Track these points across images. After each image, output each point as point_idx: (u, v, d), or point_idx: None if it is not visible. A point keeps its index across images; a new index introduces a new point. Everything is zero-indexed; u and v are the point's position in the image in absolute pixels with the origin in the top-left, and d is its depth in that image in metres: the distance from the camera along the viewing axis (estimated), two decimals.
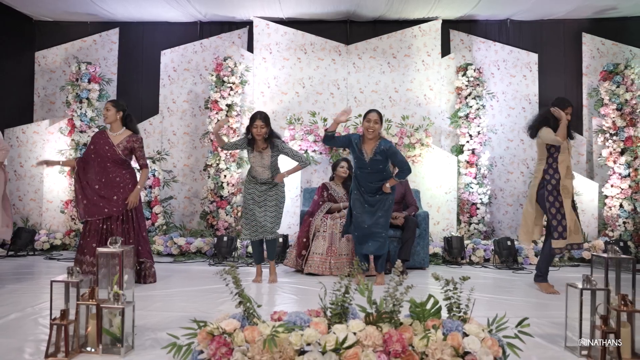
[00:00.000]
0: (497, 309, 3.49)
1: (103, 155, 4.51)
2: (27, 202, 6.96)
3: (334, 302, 2.50)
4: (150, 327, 3.17)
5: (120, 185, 4.53)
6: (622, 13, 6.98)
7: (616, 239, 6.35)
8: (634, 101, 6.51)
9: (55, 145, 6.83)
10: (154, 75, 7.34)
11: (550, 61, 7.22)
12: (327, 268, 5.17)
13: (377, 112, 4.60)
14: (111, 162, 4.52)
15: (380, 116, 4.62)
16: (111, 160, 4.52)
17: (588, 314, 2.75)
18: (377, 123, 4.55)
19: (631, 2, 6.55)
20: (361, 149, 4.60)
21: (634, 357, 2.74)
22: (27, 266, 5.48)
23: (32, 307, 3.66)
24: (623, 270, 2.92)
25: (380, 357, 2.29)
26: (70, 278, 2.68)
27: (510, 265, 5.86)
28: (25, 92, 7.44)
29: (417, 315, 2.47)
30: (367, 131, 4.55)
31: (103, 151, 4.52)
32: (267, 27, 7.06)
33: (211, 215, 6.61)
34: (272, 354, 2.27)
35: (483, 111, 6.83)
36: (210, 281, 4.77)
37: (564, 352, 2.86)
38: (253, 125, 4.66)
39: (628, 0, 6.47)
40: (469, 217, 6.74)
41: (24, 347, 2.76)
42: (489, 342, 2.37)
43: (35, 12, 7.23)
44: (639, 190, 6.47)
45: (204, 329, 2.45)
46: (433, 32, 7.05)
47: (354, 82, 7.04)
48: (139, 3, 6.69)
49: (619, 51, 7.11)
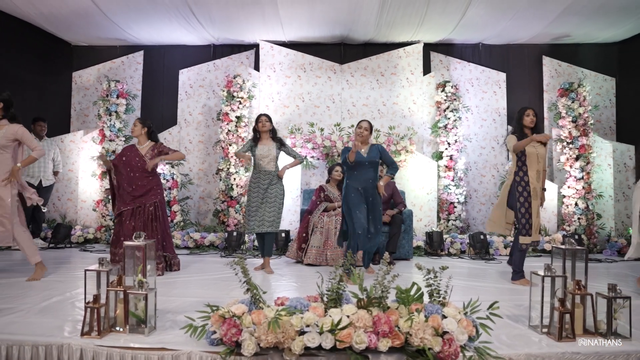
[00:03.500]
0: (472, 294, 3.49)
1: (134, 165, 4.50)
2: (65, 201, 6.94)
3: (330, 289, 2.50)
4: (170, 310, 3.16)
5: (148, 188, 4.52)
6: (575, 40, 7.06)
7: (572, 232, 6.37)
8: (586, 114, 6.55)
9: (88, 152, 6.82)
10: (173, 91, 7.34)
11: (516, 80, 7.24)
12: (324, 259, 5.16)
13: (367, 122, 4.60)
14: (140, 171, 4.51)
15: (371, 125, 4.62)
16: (141, 170, 4.51)
17: (548, 297, 2.76)
18: (367, 130, 4.54)
19: (582, 31, 6.64)
20: (357, 151, 4.58)
21: (585, 332, 2.77)
22: (65, 257, 5.47)
23: (70, 292, 3.66)
24: (578, 260, 2.93)
25: (370, 337, 2.29)
26: (101, 268, 2.68)
27: (483, 256, 5.86)
28: (64, 107, 7.47)
29: (402, 300, 2.48)
30: (358, 136, 4.53)
31: (134, 162, 4.50)
32: (271, 49, 7.06)
33: (222, 213, 6.60)
34: (276, 334, 2.27)
35: (459, 122, 6.84)
36: (221, 271, 4.75)
37: (528, 330, 2.86)
38: (259, 121, 4.76)
39: (579, 29, 6.55)
40: (447, 215, 6.74)
41: (63, 325, 2.77)
42: (465, 323, 2.38)
43: (74, 38, 7.26)
44: (590, 190, 6.50)
45: (216, 313, 2.46)
46: (416, 53, 7.06)
47: (347, 97, 7.04)
48: (160, 29, 6.70)
49: (573, 72, 7.15)
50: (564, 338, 2.64)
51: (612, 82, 7.20)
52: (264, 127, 4.73)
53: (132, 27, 6.63)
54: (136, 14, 6.15)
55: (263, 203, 4.72)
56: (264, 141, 4.78)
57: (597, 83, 7.15)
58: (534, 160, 4.26)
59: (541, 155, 4.31)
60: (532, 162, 4.26)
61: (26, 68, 6.65)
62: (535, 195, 4.25)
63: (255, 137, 4.81)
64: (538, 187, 4.28)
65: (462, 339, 2.33)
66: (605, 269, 5.27)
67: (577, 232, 6.37)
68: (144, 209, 4.47)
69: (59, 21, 6.46)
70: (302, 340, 2.28)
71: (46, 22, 6.53)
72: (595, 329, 2.76)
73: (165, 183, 6.54)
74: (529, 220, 4.23)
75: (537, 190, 4.27)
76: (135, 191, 4.47)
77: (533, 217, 4.22)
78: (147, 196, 4.49)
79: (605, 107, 7.17)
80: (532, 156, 4.25)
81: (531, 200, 4.23)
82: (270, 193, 4.73)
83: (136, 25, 6.57)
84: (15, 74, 6.41)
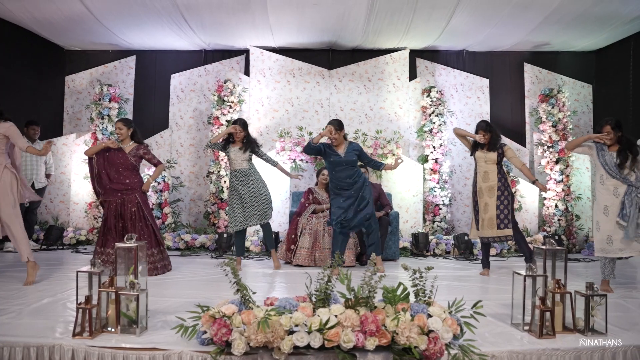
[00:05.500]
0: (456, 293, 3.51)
1: (116, 162, 4.48)
2: (57, 203, 6.85)
3: (318, 290, 2.50)
4: (161, 310, 3.14)
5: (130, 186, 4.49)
6: (554, 48, 7.14)
7: (552, 233, 6.43)
8: (565, 119, 6.63)
9: (80, 155, 6.73)
10: (165, 96, 7.28)
11: (499, 85, 7.30)
12: (312, 260, 5.15)
13: (336, 122, 4.64)
14: (122, 167, 4.49)
15: (340, 124, 4.65)
16: (122, 166, 4.49)
17: (530, 295, 2.79)
18: (336, 132, 4.60)
19: (561, 40, 6.73)
20: (335, 151, 4.62)
21: (565, 329, 2.80)
22: (57, 259, 5.41)
23: (61, 293, 3.63)
24: (557, 259, 2.96)
25: (358, 336, 2.30)
26: (93, 269, 2.66)
27: (467, 257, 5.90)
28: (57, 110, 7.36)
29: (389, 300, 2.49)
30: (332, 142, 4.63)
31: (117, 158, 4.48)
32: (261, 55, 7.04)
33: (213, 215, 6.56)
34: (265, 334, 2.27)
35: (444, 126, 6.87)
36: (212, 272, 4.73)
37: (510, 328, 2.89)
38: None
39: (558, 38, 6.64)
40: (432, 216, 6.77)
41: (55, 326, 2.74)
42: (449, 322, 2.39)
43: (66, 42, 7.17)
44: (570, 193, 6.58)
45: (207, 313, 2.44)
46: (402, 59, 7.09)
47: (335, 102, 7.05)
48: (152, 34, 6.65)
49: (552, 79, 7.23)
50: (544, 335, 2.67)
51: (589, 89, 7.29)
52: (237, 137, 4.82)
53: (125, 32, 6.58)
54: (129, 19, 6.10)
55: (246, 197, 4.76)
56: (237, 144, 4.85)
57: (576, 90, 7.25)
58: (481, 163, 4.71)
59: (489, 158, 4.67)
60: (480, 165, 4.72)
61: (19, 72, 6.56)
62: (481, 193, 4.67)
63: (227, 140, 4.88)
64: (484, 186, 4.67)
65: (447, 337, 2.35)
66: (583, 268, 5.33)
67: (557, 232, 6.43)
68: (126, 209, 4.43)
69: (52, 26, 6.38)
70: (291, 339, 2.28)
71: (39, 27, 6.45)
72: (573, 325, 2.79)
73: (156, 185, 6.49)
74: (475, 217, 4.74)
75: (483, 189, 4.67)
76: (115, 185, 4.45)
77: (480, 214, 4.66)
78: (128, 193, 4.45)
79: (583, 113, 7.26)
80: (480, 160, 4.71)
81: (477, 198, 4.71)
82: (250, 187, 4.79)
83: (129, 30, 6.51)
84: (9, 77, 6.32)
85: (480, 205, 4.66)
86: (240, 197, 4.78)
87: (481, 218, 4.65)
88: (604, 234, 3.95)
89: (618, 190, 3.92)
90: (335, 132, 4.58)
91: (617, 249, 3.90)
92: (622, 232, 3.86)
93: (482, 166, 4.68)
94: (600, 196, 4.04)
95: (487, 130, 4.65)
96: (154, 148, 6.95)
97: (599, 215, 4.03)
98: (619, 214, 3.87)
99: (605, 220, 3.96)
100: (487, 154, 4.67)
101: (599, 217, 4.03)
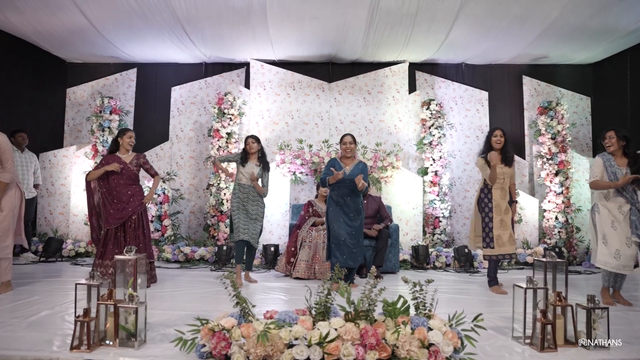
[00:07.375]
0: (456, 306, 3.49)
1: (118, 173, 4.49)
2: (57, 215, 6.84)
3: (318, 303, 2.49)
4: (160, 323, 3.12)
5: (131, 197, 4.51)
6: (552, 61, 7.20)
7: (553, 245, 6.41)
8: (564, 132, 6.66)
9: (80, 167, 6.74)
10: (165, 108, 7.32)
11: (498, 98, 7.35)
12: (312, 273, 5.13)
13: (350, 135, 4.68)
14: (124, 178, 4.51)
15: (354, 138, 4.69)
16: (125, 177, 4.51)
17: (531, 308, 2.77)
18: (352, 144, 4.63)
19: (559, 53, 6.79)
20: (341, 165, 4.63)
21: (566, 342, 2.78)
22: (56, 270, 5.38)
23: (59, 305, 3.60)
24: (558, 272, 2.95)
25: (358, 349, 2.28)
26: (92, 281, 2.64)
27: (468, 269, 5.88)
28: (58, 122, 7.39)
29: (389, 313, 2.47)
30: (345, 151, 4.62)
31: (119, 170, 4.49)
32: (261, 68, 7.09)
33: (213, 227, 6.55)
34: (265, 347, 2.25)
35: (444, 139, 6.90)
36: (211, 284, 4.70)
37: (511, 341, 2.87)
38: (246, 143, 4.95)
39: (556, 51, 6.70)
40: (432, 229, 6.76)
41: (52, 339, 2.72)
42: (450, 335, 2.37)
43: (68, 55, 7.22)
44: (570, 205, 6.57)
45: (206, 326, 2.43)
46: (401, 72, 7.14)
47: (335, 114, 7.08)
48: (153, 47, 6.70)
49: (551, 91, 7.28)
50: (546, 348, 2.65)
51: (587, 101, 7.33)
52: (252, 150, 4.91)
53: (126, 45, 6.63)
54: (130, 32, 6.15)
55: (248, 217, 4.80)
56: (252, 161, 4.93)
57: (574, 102, 7.29)
58: (500, 179, 4.45)
59: (507, 173, 4.48)
60: (499, 180, 4.45)
61: (21, 84, 6.60)
62: (499, 210, 4.41)
63: (244, 155, 4.94)
64: (502, 204, 4.42)
65: (448, 351, 2.33)
66: (584, 280, 5.31)
67: (557, 245, 6.42)
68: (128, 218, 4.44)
69: (54, 38, 6.43)
70: (290, 353, 2.26)
71: (41, 40, 6.50)
72: (575, 338, 2.77)
73: (156, 197, 6.49)
74: (489, 234, 4.44)
75: (502, 206, 4.42)
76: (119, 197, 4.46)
77: (496, 231, 4.38)
78: (131, 204, 4.47)
79: (581, 125, 7.30)
80: (500, 176, 4.44)
81: (492, 215, 4.41)
82: (252, 209, 4.83)
83: (130, 43, 6.56)
84: (11, 89, 6.36)
85: (495, 221, 4.41)
86: (246, 211, 4.81)
87: (496, 235, 4.39)
88: (612, 247, 3.92)
89: (622, 209, 3.94)
90: (350, 143, 4.62)
91: (622, 265, 3.89)
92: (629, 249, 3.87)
93: (501, 182, 4.47)
94: (604, 211, 4.01)
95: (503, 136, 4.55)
96: (154, 160, 6.97)
97: (607, 228, 3.98)
98: (632, 232, 3.87)
99: (614, 234, 3.94)
100: (506, 170, 4.49)
101: (607, 230, 3.97)
